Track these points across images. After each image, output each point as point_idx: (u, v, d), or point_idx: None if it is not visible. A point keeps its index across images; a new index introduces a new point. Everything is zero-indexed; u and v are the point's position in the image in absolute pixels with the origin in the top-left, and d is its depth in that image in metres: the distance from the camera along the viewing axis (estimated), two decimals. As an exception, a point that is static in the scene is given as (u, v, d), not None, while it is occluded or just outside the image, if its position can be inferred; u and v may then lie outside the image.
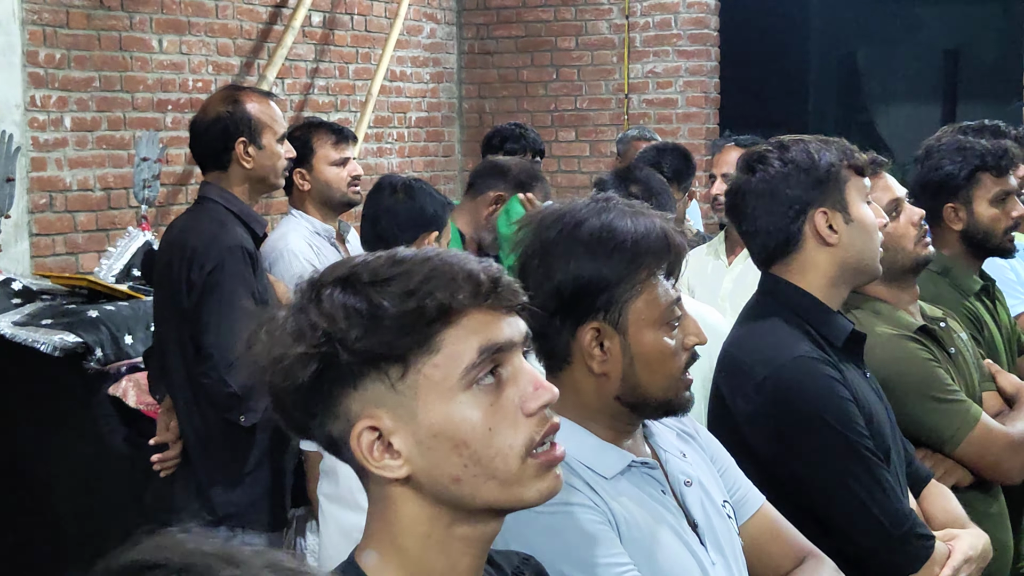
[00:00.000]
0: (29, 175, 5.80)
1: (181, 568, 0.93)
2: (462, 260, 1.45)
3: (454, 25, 8.77)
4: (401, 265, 1.43)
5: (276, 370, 1.42)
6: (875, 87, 8.71)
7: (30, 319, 4.54)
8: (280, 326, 1.43)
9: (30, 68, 5.82)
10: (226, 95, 3.83)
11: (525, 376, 1.46)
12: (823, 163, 2.54)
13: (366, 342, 1.39)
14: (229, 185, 3.74)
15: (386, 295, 1.40)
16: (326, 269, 1.47)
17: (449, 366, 1.41)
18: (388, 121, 8.14)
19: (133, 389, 4.34)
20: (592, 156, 8.39)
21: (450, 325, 1.41)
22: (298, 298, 1.45)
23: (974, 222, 3.44)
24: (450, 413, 1.41)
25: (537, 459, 1.45)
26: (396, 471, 1.42)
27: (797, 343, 2.48)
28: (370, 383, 1.41)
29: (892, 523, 2.39)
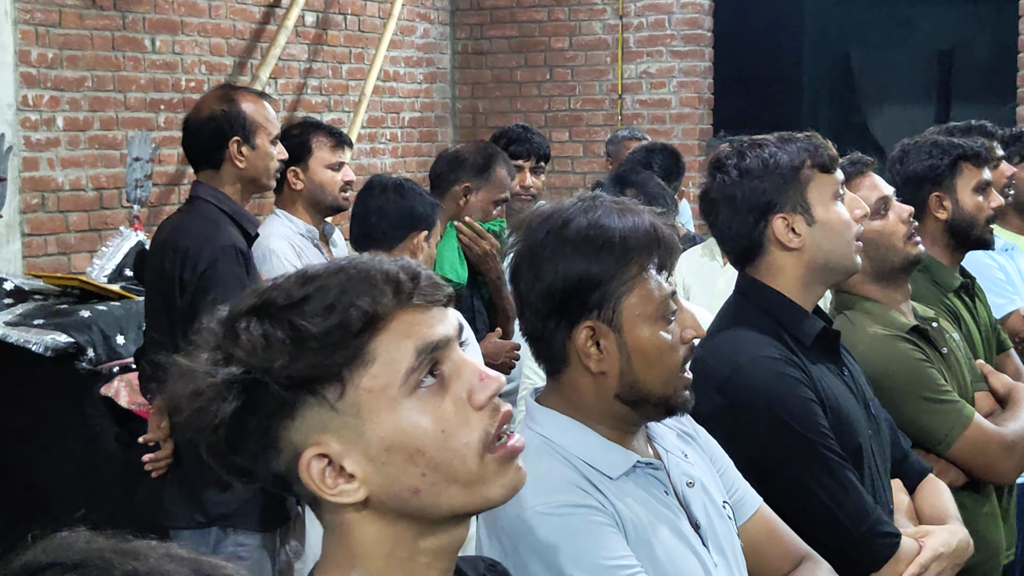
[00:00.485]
0: (21, 175, 5.79)
1: (77, 564, 0.90)
2: (377, 263, 1.38)
3: (447, 25, 8.77)
4: (314, 282, 1.35)
5: (202, 419, 1.33)
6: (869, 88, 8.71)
7: (22, 319, 4.53)
8: (197, 370, 1.34)
9: (22, 67, 5.81)
10: (221, 94, 3.82)
11: (468, 369, 1.39)
12: (779, 168, 2.52)
13: (294, 368, 1.31)
14: (221, 184, 3.73)
15: (305, 315, 1.32)
16: (234, 301, 1.38)
17: (388, 374, 1.34)
18: (381, 121, 8.14)
19: (125, 389, 4.33)
20: (586, 156, 8.39)
21: (379, 332, 1.34)
22: (212, 337, 1.36)
23: (959, 210, 3.45)
24: (399, 423, 1.34)
25: (496, 453, 1.38)
26: (353, 495, 1.35)
27: (760, 343, 2.48)
28: (308, 410, 1.33)
29: (852, 522, 2.37)
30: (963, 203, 3.46)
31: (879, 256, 3.01)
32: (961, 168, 3.48)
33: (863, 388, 2.65)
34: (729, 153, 2.60)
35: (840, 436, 2.44)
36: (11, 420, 4.57)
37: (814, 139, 2.56)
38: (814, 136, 2.57)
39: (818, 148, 2.53)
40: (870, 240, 2.98)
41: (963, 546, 2.53)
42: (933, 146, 3.53)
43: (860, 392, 2.62)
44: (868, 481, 2.49)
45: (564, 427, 1.97)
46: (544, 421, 1.98)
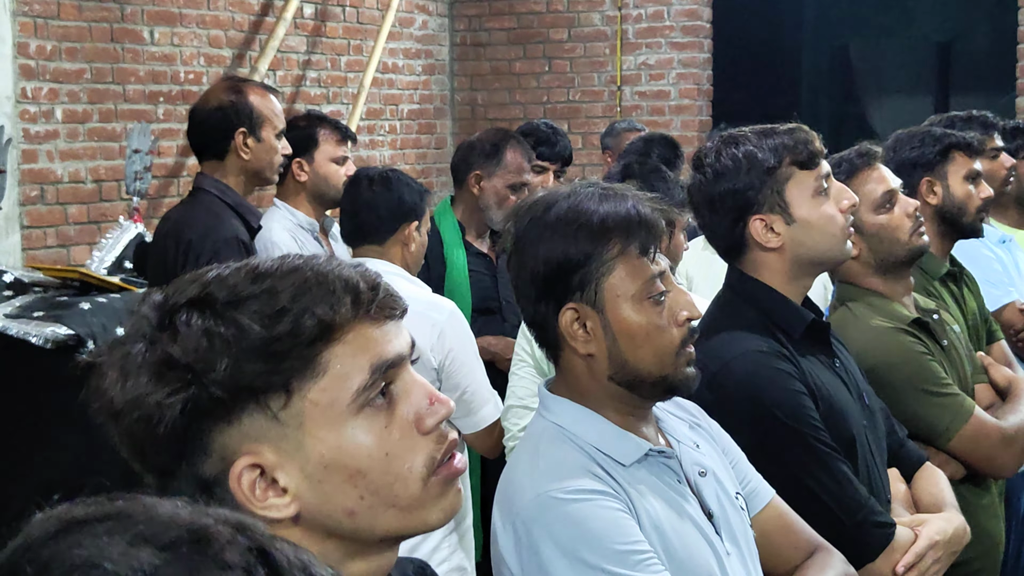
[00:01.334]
0: (20, 167, 5.78)
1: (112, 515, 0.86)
2: (336, 268, 1.30)
3: (446, 17, 8.76)
4: (263, 281, 1.26)
5: (132, 415, 1.24)
6: (868, 79, 8.70)
7: (21, 311, 4.52)
8: (132, 361, 1.24)
9: (21, 60, 5.80)
10: (230, 85, 3.83)
11: (418, 390, 1.32)
12: (755, 168, 2.51)
13: (238, 374, 1.22)
14: (225, 176, 3.73)
15: (254, 316, 1.23)
16: (172, 286, 1.29)
17: (337, 389, 1.26)
18: (380, 113, 8.13)
19: (125, 382, 4.33)
20: (584, 148, 8.38)
21: (333, 343, 1.26)
22: (146, 326, 1.26)
23: (949, 196, 3.48)
24: (342, 441, 1.26)
25: (438, 476, 1.31)
26: (283, 510, 1.26)
27: (748, 337, 2.48)
28: (247, 416, 1.25)
29: (845, 513, 2.38)
30: (953, 190, 3.49)
31: (883, 250, 3.01)
32: (953, 156, 3.52)
33: (856, 379, 2.65)
34: (707, 151, 2.60)
35: (833, 428, 2.44)
36: (10, 412, 4.57)
37: (797, 133, 2.54)
38: (798, 130, 2.55)
39: (798, 144, 2.52)
40: (874, 234, 2.98)
41: (959, 533, 2.53)
42: (926, 134, 3.58)
43: (853, 383, 2.63)
44: (863, 472, 2.49)
45: (576, 415, 1.99)
46: (556, 409, 2.01)
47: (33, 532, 0.85)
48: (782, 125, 2.57)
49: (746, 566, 2.02)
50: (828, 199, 2.55)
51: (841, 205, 2.55)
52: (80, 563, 0.80)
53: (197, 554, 0.81)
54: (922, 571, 2.42)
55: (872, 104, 8.72)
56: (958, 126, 4.07)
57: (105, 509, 0.86)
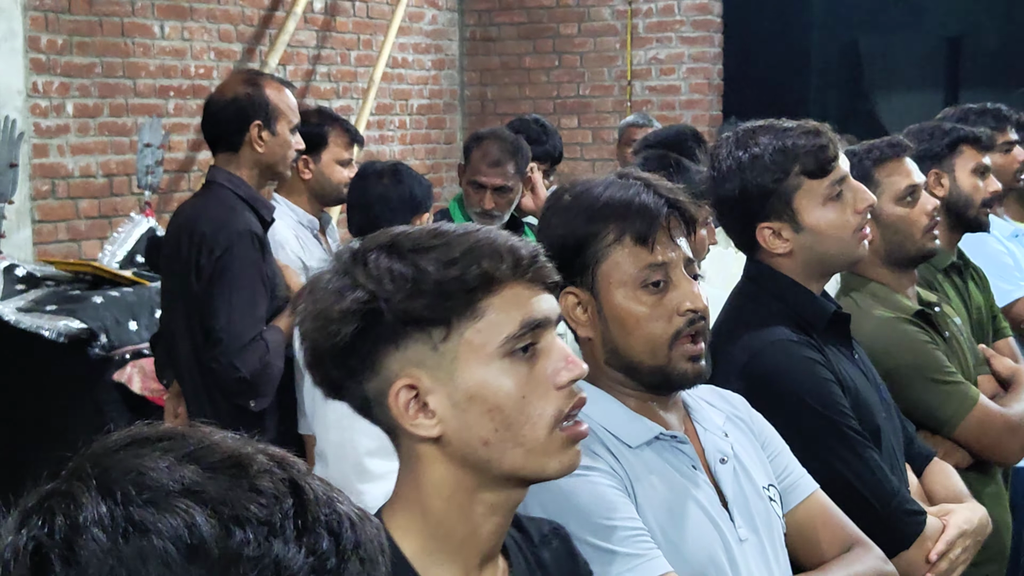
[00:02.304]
0: (31, 162, 5.78)
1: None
2: (504, 236, 1.51)
3: (456, 12, 8.75)
4: (442, 237, 1.48)
5: (319, 327, 1.47)
6: (877, 74, 8.68)
7: (34, 305, 4.53)
8: (325, 286, 1.48)
9: (32, 54, 5.81)
10: (247, 77, 3.83)
11: (557, 351, 1.50)
12: (760, 178, 2.49)
13: (411, 304, 1.44)
14: (238, 168, 3.72)
15: (430, 261, 1.45)
16: (368, 238, 1.52)
17: (490, 333, 1.46)
18: (390, 108, 8.12)
19: (138, 375, 4.33)
20: (595, 143, 8.37)
21: (492, 294, 1.47)
22: (342, 262, 1.49)
23: (956, 188, 3.51)
24: (487, 378, 1.46)
25: (564, 432, 1.49)
26: (429, 430, 1.47)
27: (776, 327, 2.47)
28: (412, 343, 1.46)
29: (879, 501, 2.38)
30: (961, 183, 3.52)
31: (896, 241, 3.02)
32: (961, 149, 3.54)
33: (874, 373, 2.65)
34: (719, 147, 2.59)
35: (859, 417, 2.44)
36: (24, 406, 4.57)
37: (813, 138, 2.50)
38: (813, 134, 2.51)
39: (809, 152, 2.48)
40: (890, 224, 2.98)
41: (984, 522, 2.54)
42: (936, 128, 3.60)
43: (872, 376, 2.63)
44: (887, 463, 2.48)
45: (592, 397, 1.98)
46: None
47: (103, 443, 0.99)
48: (799, 125, 2.53)
49: (764, 554, 2.01)
50: (841, 203, 2.51)
51: (857, 207, 2.52)
52: (132, 470, 0.94)
53: (234, 477, 0.94)
54: (952, 559, 2.42)
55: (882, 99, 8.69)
56: (971, 119, 4.07)
57: (165, 431, 0.99)
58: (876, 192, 2.89)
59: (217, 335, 3.52)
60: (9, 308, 4.49)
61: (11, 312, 4.46)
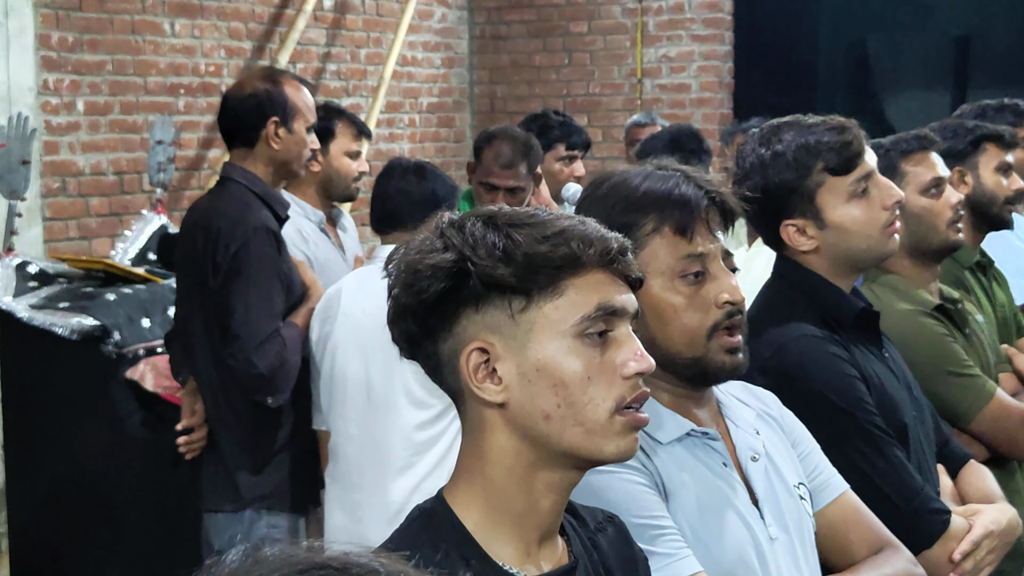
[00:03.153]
0: (42, 159, 5.78)
1: None
2: (595, 226, 1.56)
3: (465, 10, 8.74)
4: (537, 218, 1.54)
5: (408, 282, 1.52)
6: (885, 73, 8.67)
7: (47, 302, 4.52)
8: (419, 245, 1.54)
9: (43, 51, 5.80)
10: (265, 74, 3.84)
11: (629, 344, 1.54)
12: (783, 175, 2.48)
13: (497, 270, 1.49)
14: (253, 165, 3.72)
15: (523, 235, 1.50)
16: (468, 212, 1.58)
17: (568, 311, 1.50)
18: (399, 106, 8.12)
19: (151, 372, 4.32)
20: (605, 141, 8.36)
21: (576, 276, 1.51)
22: (440, 226, 1.55)
23: (980, 186, 3.51)
24: (557, 353, 1.50)
25: (624, 417, 1.52)
26: (494, 395, 1.52)
27: (802, 323, 2.46)
28: (492, 308, 1.51)
29: (901, 498, 2.37)
30: (984, 181, 3.52)
31: (920, 233, 3.01)
32: (984, 147, 3.54)
33: (904, 371, 2.64)
34: (742, 147, 2.58)
35: (885, 416, 2.42)
36: (37, 403, 4.57)
37: (838, 135, 2.48)
38: (841, 130, 2.49)
39: (833, 149, 2.47)
40: (915, 215, 2.97)
41: (1013, 524, 2.52)
42: (959, 126, 3.59)
43: (902, 374, 2.61)
44: (915, 462, 2.47)
45: None
46: None
47: None
48: (823, 121, 2.51)
49: (795, 553, 2.00)
50: (868, 199, 2.50)
51: (885, 203, 2.51)
52: None
53: None
54: (977, 560, 2.40)
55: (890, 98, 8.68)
56: (990, 115, 4.08)
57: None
58: (902, 183, 2.88)
59: (234, 331, 3.52)
60: (22, 305, 4.49)
61: (24, 309, 4.46)
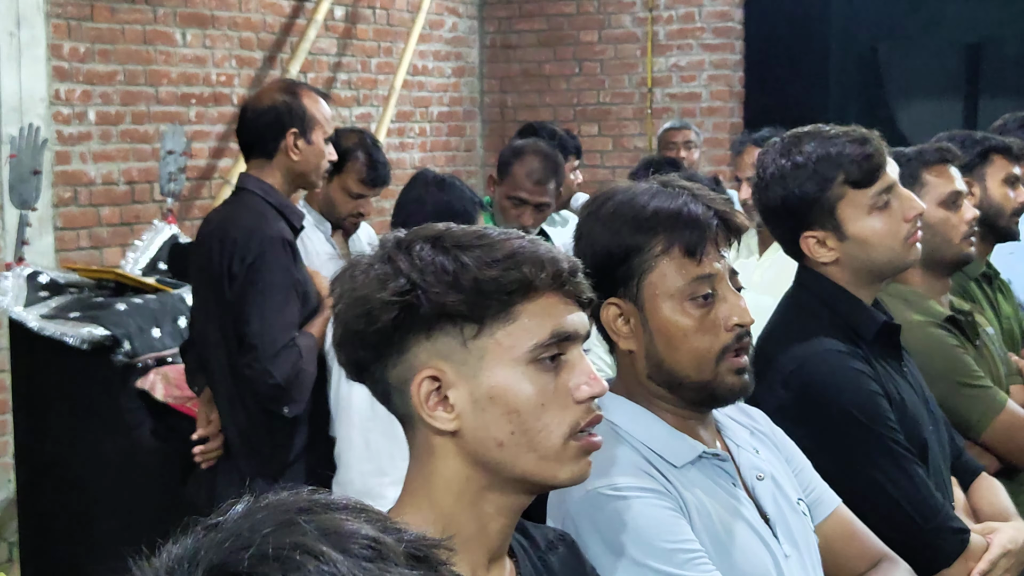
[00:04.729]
0: (53, 169, 5.80)
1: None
2: (546, 246, 1.52)
3: (476, 19, 8.75)
4: (486, 239, 1.50)
5: (357, 311, 1.48)
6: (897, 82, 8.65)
7: (58, 312, 4.53)
8: (366, 270, 1.50)
9: (54, 62, 5.82)
10: (284, 86, 3.85)
11: (582, 367, 1.52)
12: (803, 187, 2.46)
13: (448, 297, 1.45)
14: (270, 176, 3.73)
15: (472, 259, 1.47)
16: (414, 229, 1.54)
17: (521, 337, 1.48)
18: (410, 115, 8.13)
19: (161, 382, 4.33)
20: (615, 150, 8.36)
21: (528, 300, 1.48)
22: (386, 248, 1.51)
23: (987, 198, 3.53)
24: (510, 380, 1.48)
25: (578, 442, 1.51)
26: (446, 423, 1.49)
27: (825, 337, 2.44)
28: (443, 336, 1.47)
29: (922, 516, 2.35)
30: (991, 193, 3.54)
31: (934, 244, 3.01)
32: (992, 159, 3.56)
33: (923, 385, 2.62)
34: (763, 156, 2.56)
35: (906, 432, 2.40)
36: (48, 413, 4.58)
37: (859, 147, 2.46)
38: (862, 142, 2.47)
39: (854, 162, 2.44)
40: (931, 226, 2.97)
41: None
42: (967, 137, 3.60)
43: (920, 388, 2.59)
44: (933, 479, 2.45)
45: (631, 414, 1.96)
46: (612, 407, 1.97)
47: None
48: (845, 133, 2.49)
49: (806, 570, 1.99)
50: (889, 212, 2.47)
51: (907, 215, 2.49)
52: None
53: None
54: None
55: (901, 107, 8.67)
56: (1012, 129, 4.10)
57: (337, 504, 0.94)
58: (922, 193, 2.88)
59: (250, 342, 3.52)
60: (33, 315, 4.50)
61: (35, 319, 4.47)
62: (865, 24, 8.52)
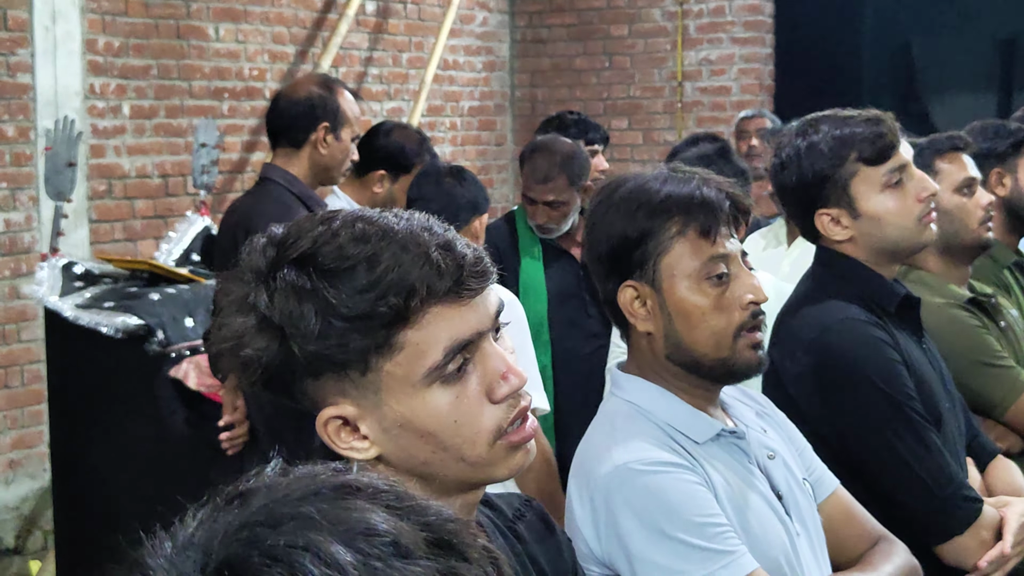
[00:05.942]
0: (88, 162, 5.86)
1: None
2: (433, 243, 1.35)
3: (507, 14, 8.78)
4: (367, 245, 1.33)
5: (232, 360, 1.38)
6: (930, 76, 8.62)
7: (92, 302, 4.58)
8: (233, 314, 1.37)
9: (89, 56, 5.89)
10: (321, 80, 3.92)
11: (493, 362, 1.39)
12: (817, 164, 2.51)
13: (319, 345, 1.33)
14: (296, 166, 3.78)
15: (341, 291, 1.31)
16: (293, 229, 1.39)
17: (411, 365, 1.35)
18: (441, 110, 8.16)
19: (193, 371, 4.37)
20: (645, 144, 8.37)
21: (409, 326, 1.33)
22: (256, 268, 1.38)
23: (1018, 189, 3.52)
24: (414, 407, 1.36)
25: (506, 440, 1.40)
26: (364, 453, 1.39)
27: (846, 306, 2.48)
28: (330, 375, 1.36)
29: (936, 484, 2.38)
30: (1022, 183, 3.52)
31: (951, 230, 3.03)
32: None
33: (940, 363, 2.65)
34: (783, 136, 2.61)
35: (922, 402, 2.44)
36: (82, 401, 4.63)
37: (872, 127, 2.51)
38: (875, 122, 2.52)
39: (866, 139, 2.49)
40: (947, 212, 2.99)
41: None
42: (1000, 127, 3.61)
43: (938, 366, 2.62)
44: (949, 451, 2.48)
45: (650, 393, 2.00)
46: (629, 388, 2.03)
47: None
48: (859, 114, 2.54)
49: (813, 548, 2.03)
50: (902, 190, 2.52)
51: (919, 195, 2.53)
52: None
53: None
54: None
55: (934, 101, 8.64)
56: None
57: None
58: (936, 180, 2.90)
59: None
60: (68, 305, 4.55)
61: (70, 308, 4.52)
62: (898, 18, 8.49)
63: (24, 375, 5.78)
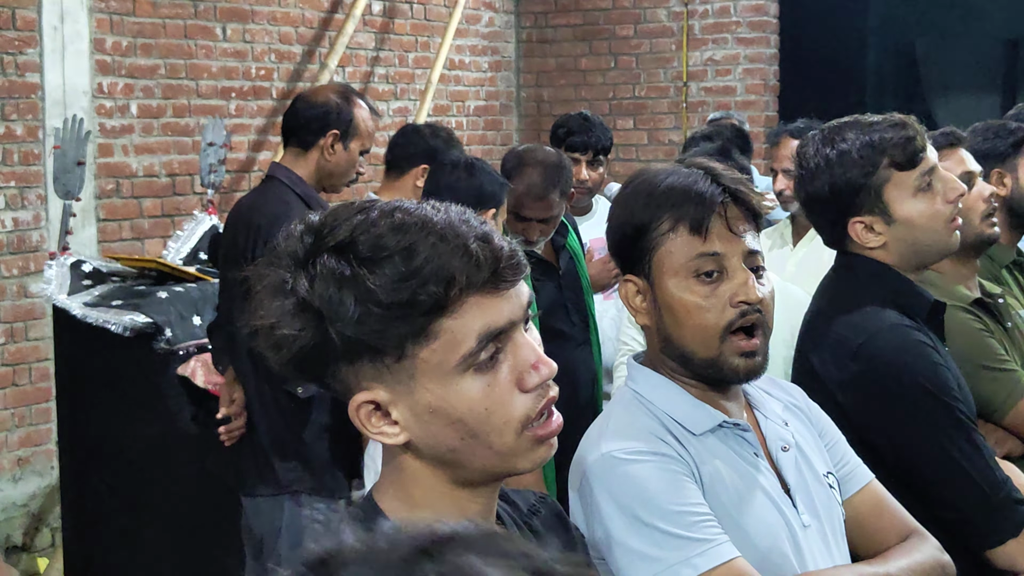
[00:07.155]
0: (96, 161, 5.89)
1: None
2: (472, 235, 1.39)
3: (512, 14, 8.80)
4: (406, 235, 1.37)
5: (268, 344, 1.41)
6: (934, 77, 8.63)
7: (100, 300, 4.61)
8: (271, 297, 1.40)
9: (97, 55, 5.91)
10: (343, 90, 4.02)
11: (524, 352, 1.43)
12: (850, 172, 2.50)
13: (357, 330, 1.36)
14: (302, 167, 3.86)
15: (381, 278, 1.35)
16: (329, 216, 1.41)
17: (446, 352, 1.38)
18: (447, 110, 8.18)
19: (201, 369, 4.40)
20: (651, 144, 8.38)
21: (446, 315, 1.37)
22: (295, 254, 1.40)
23: (1018, 188, 3.50)
24: (446, 394, 1.40)
25: (533, 432, 1.44)
26: (394, 438, 1.43)
27: (888, 312, 2.48)
28: (365, 361, 1.39)
29: (991, 488, 2.37)
30: (1022, 183, 3.50)
31: None
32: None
33: (955, 366, 2.66)
34: (807, 145, 2.59)
35: None
36: (90, 398, 4.65)
37: (901, 131, 2.50)
38: (899, 127, 2.51)
39: (897, 145, 2.48)
40: None
41: None
42: (1001, 127, 3.60)
43: (955, 369, 2.63)
44: None
45: (653, 383, 2.02)
46: (638, 378, 2.05)
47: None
48: (885, 119, 2.53)
49: (826, 540, 2.03)
50: (932, 193, 2.52)
51: (948, 197, 2.53)
52: None
53: None
54: None
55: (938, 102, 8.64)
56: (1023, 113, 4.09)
57: None
58: None
59: None
60: (76, 303, 4.58)
61: (78, 307, 4.55)
62: (903, 18, 8.50)
63: (32, 373, 5.81)
